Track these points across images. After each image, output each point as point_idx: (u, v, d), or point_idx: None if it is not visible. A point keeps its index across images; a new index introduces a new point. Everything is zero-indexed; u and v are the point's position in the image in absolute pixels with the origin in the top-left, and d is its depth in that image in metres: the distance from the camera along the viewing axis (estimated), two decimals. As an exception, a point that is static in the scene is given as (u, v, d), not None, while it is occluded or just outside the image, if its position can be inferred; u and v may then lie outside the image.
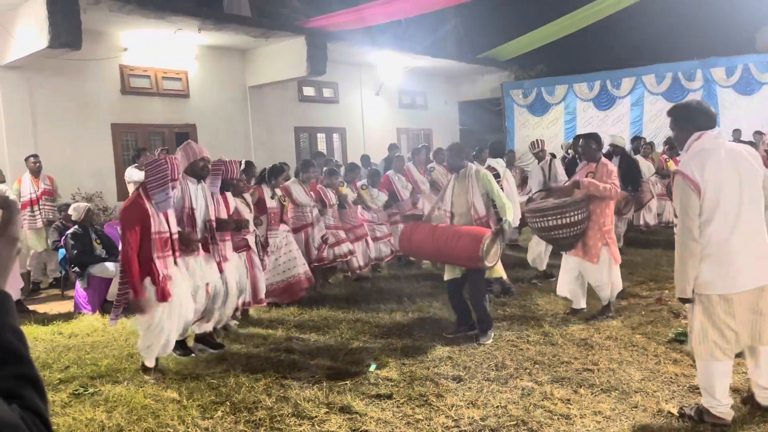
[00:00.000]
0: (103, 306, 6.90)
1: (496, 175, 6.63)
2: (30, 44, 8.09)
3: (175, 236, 4.71)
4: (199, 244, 4.97)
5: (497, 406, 3.84)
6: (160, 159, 4.60)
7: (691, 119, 3.38)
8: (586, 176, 5.56)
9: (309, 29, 10.92)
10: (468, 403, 3.90)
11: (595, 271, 5.55)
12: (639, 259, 8.49)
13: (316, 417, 3.82)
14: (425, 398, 4.01)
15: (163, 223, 4.60)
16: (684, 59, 14.54)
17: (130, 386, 4.49)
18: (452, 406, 3.86)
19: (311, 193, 7.32)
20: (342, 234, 7.59)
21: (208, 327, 5.24)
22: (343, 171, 8.77)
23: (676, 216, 3.41)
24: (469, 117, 17.82)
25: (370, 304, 6.70)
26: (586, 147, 5.72)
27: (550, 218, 5.45)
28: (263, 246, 6.35)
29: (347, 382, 4.37)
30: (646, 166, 9.66)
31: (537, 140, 8.22)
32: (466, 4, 13.99)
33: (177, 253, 4.72)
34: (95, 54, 9.44)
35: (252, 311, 6.36)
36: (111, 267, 6.94)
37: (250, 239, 5.99)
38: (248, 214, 6.02)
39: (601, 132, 11.76)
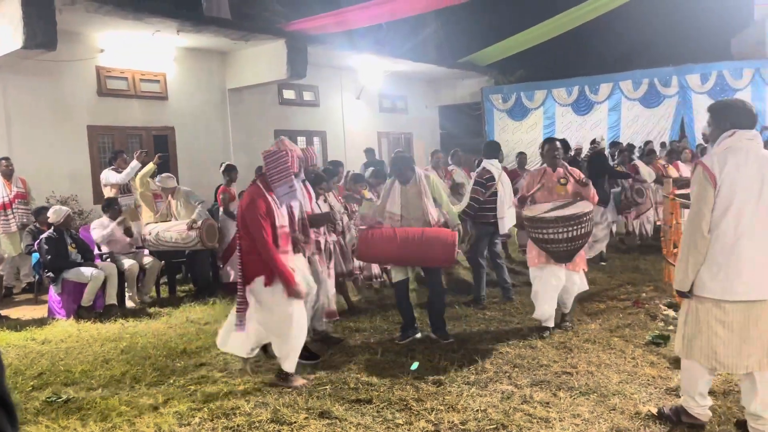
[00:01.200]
0: (77, 311, 6.78)
1: (491, 178, 6.54)
2: (4, 45, 7.94)
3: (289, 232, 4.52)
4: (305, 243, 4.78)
5: (477, 410, 3.84)
6: (281, 150, 4.40)
7: (728, 116, 3.25)
8: (562, 181, 5.43)
9: (289, 32, 10.89)
10: (448, 407, 3.89)
11: (580, 280, 5.47)
12: (617, 262, 8.59)
13: (295, 422, 3.78)
14: (405, 402, 4.00)
15: (285, 217, 4.44)
16: (660, 66, 14.79)
17: (105, 393, 4.41)
18: (432, 411, 3.85)
19: (340, 198, 6.86)
20: None
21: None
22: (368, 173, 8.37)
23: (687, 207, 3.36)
24: (450, 121, 17.90)
25: (350, 309, 6.67)
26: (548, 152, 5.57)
27: (551, 231, 5.03)
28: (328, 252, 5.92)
29: (327, 387, 4.34)
30: (647, 172, 9.35)
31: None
32: (446, 9, 14.06)
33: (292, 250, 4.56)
34: (71, 55, 9.30)
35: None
36: (86, 272, 6.82)
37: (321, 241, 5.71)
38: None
39: (580, 137, 11.79)
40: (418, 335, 5.41)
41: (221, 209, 8.12)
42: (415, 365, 4.72)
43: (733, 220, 3.10)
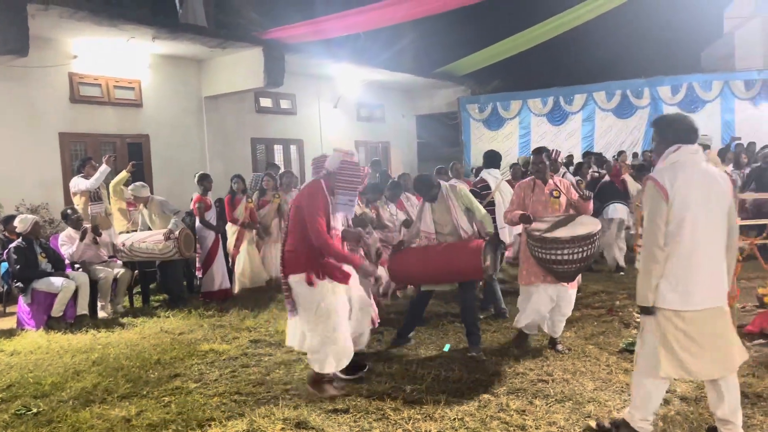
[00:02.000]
0: (47, 322, 6.64)
1: (486, 187, 6.50)
2: (-25, 50, 7.79)
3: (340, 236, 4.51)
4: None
5: (454, 419, 3.84)
6: (358, 164, 4.43)
7: (673, 131, 3.35)
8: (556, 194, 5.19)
9: (266, 40, 10.86)
10: (425, 416, 3.89)
11: (571, 297, 5.17)
12: (591, 271, 8.68)
13: (271, 433, 3.74)
14: (382, 412, 3.98)
15: (337, 220, 4.44)
16: (632, 77, 15.08)
17: (75, 405, 4.32)
18: (409, 420, 3.85)
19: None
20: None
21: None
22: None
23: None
24: (427, 130, 18.00)
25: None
26: (534, 165, 5.35)
27: (566, 252, 4.67)
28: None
29: (303, 396, 4.31)
30: (635, 187, 8.96)
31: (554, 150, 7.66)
32: (423, 19, 14.16)
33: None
34: (43, 61, 9.14)
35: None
36: (56, 282, 6.69)
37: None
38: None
39: (555, 146, 11.91)
40: (411, 342, 5.42)
41: (197, 218, 8.04)
42: (447, 347, 5.07)
43: (689, 233, 3.19)
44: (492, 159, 6.83)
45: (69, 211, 7.41)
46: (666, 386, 3.42)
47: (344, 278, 4.35)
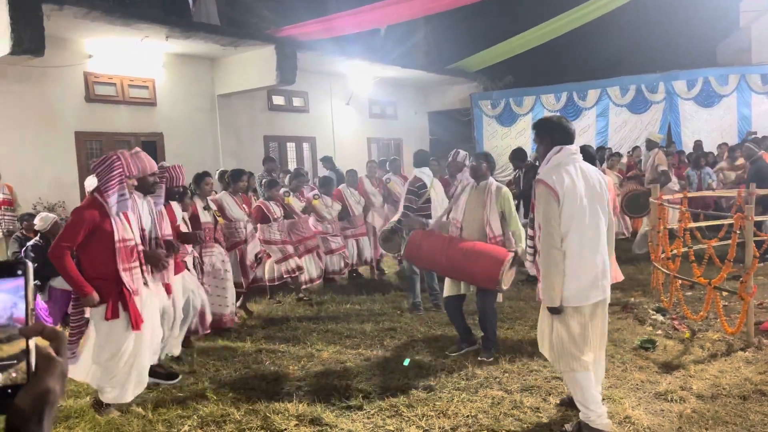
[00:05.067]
0: (64, 319, 6.71)
1: (423, 186, 6.56)
2: (-9, 50, 7.88)
3: (141, 247, 4.22)
4: (167, 261, 4.45)
5: (468, 416, 3.84)
6: (111, 156, 4.08)
7: (550, 133, 3.49)
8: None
9: (279, 38, 10.88)
10: (439, 413, 3.89)
11: None
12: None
13: (285, 429, 3.77)
14: (396, 409, 3.99)
15: (127, 230, 4.08)
16: (647, 72, 14.92)
17: (93, 401, 4.36)
18: (423, 416, 3.85)
19: (244, 206, 6.77)
20: (290, 248, 7.17)
21: (154, 358, 4.56)
22: (288, 179, 8.44)
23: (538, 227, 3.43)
24: (439, 127, 17.95)
25: (340, 315, 6.67)
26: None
27: None
28: (201, 267, 5.80)
29: (317, 393, 4.33)
30: (613, 182, 8.99)
31: (455, 150, 7.64)
32: (436, 15, 14.13)
33: (144, 267, 4.22)
34: (59, 61, 9.23)
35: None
36: (74, 278, 6.75)
37: (188, 259, 5.43)
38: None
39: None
40: (475, 346, 5.15)
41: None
42: (407, 361, 4.85)
43: (577, 231, 3.31)
44: (421, 158, 6.91)
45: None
46: (590, 378, 3.41)
47: (138, 324, 4.03)
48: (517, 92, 16.23)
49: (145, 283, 4.21)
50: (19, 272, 0.82)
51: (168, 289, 4.61)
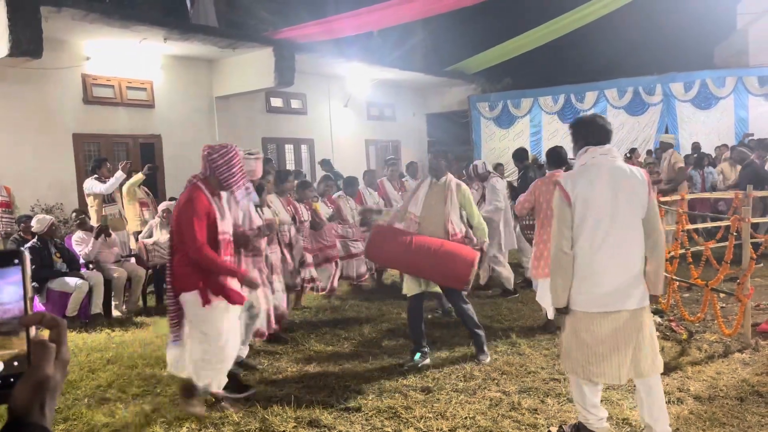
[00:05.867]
0: (63, 321, 6.70)
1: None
2: (-11, 52, 7.88)
3: (231, 238, 4.08)
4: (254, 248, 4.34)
5: (466, 417, 3.84)
6: (228, 146, 4.01)
7: (582, 134, 3.34)
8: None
9: (277, 40, 10.89)
10: (437, 415, 3.90)
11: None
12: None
13: (284, 431, 3.77)
14: (394, 410, 3.99)
15: (227, 222, 4.00)
16: (644, 74, 14.95)
17: (91, 403, 4.36)
18: (421, 418, 3.85)
19: (289, 207, 6.44)
20: (308, 258, 6.68)
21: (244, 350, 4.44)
22: (316, 184, 8.11)
23: None
24: (437, 129, 17.97)
25: (338, 318, 6.66)
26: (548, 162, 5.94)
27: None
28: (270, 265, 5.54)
29: (315, 395, 4.33)
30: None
31: (473, 164, 7.78)
32: (434, 17, 14.14)
33: (234, 257, 4.13)
34: (57, 63, 9.23)
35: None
36: (70, 281, 6.76)
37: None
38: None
39: (566, 144, 11.78)
40: (427, 361, 4.92)
41: None
42: (417, 356, 4.86)
43: (589, 236, 3.16)
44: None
45: (73, 214, 7.51)
46: (594, 385, 3.35)
47: (240, 299, 3.97)
48: (515, 94, 16.26)
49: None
50: (16, 261, 0.82)
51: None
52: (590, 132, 3.30)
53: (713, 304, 5.26)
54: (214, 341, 3.89)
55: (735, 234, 5.25)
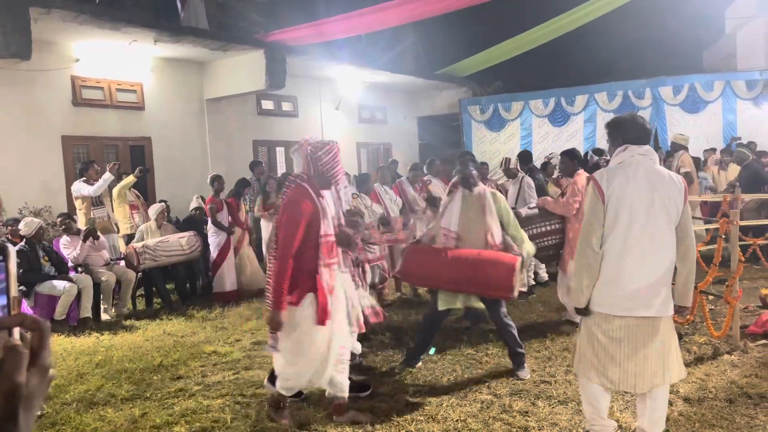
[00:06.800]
0: (50, 325, 6.65)
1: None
2: (-23, 54, 7.81)
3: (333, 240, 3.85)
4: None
5: (457, 420, 3.84)
6: (329, 141, 3.85)
7: (620, 132, 3.24)
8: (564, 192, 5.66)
9: (268, 43, 10.87)
10: (428, 418, 3.89)
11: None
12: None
13: (274, 435, 3.75)
14: (385, 413, 3.98)
15: (330, 225, 3.78)
16: (634, 78, 15.05)
17: (79, 407, 4.33)
18: (413, 421, 3.85)
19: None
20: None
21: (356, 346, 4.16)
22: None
23: None
24: (428, 132, 18.00)
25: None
26: (562, 164, 5.94)
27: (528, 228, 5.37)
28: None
29: (307, 398, 4.31)
30: None
31: (506, 158, 7.86)
32: (425, 21, 14.18)
33: (338, 260, 3.88)
34: (46, 64, 9.17)
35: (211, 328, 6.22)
36: (59, 285, 6.70)
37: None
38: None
39: (556, 148, 11.69)
40: (419, 364, 4.94)
41: (209, 219, 8.06)
42: (432, 350, 4.89)
43: (621, 236, 3.06)
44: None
45: (58, 219, 7.46)
46: (604, 392, 3.28)
47: (323, 319, 3.66)
48: (506, 98, 16.32)
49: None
50: (0, 258, 0.80)
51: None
52: (630, 130, 3.20)
53: (702, 306, 5.30)
54: (304, 341, 3.70)
55: (723, 236, 5.29)
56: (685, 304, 3.21)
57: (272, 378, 4.03)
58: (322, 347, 3.71)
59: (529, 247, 4.72)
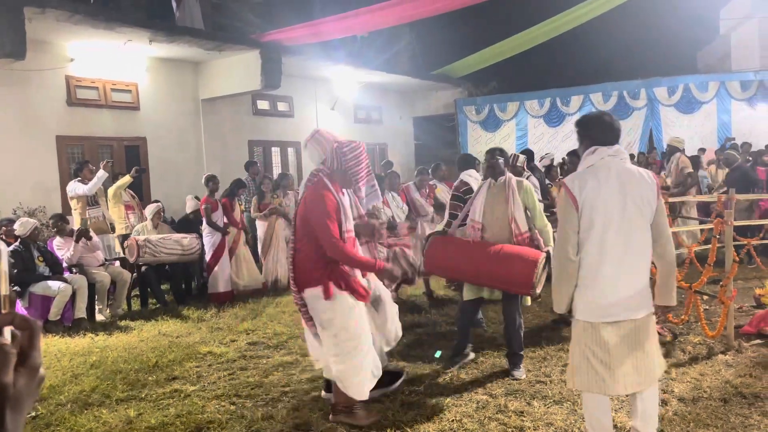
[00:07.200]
0: (45, 326, 6.62)
1: (469, 190, 6.27)
2: (-29, 54, 7.78)
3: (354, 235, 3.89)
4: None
5: (452, 420, 3.85)
6: (356, 141, 3.90)
7: (588, 132, 3.14)
8: None
9: (263, 43, 10.86)
10: (424, 418, 3.90)
11: None
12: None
13: (269, 436, 3.75)
14: (382, 413, 3.98)
15: (350, 220, 3.85)
16: (629, 78, 15.12)
17: (74, 408, 4.31)
18: (409, 421, 3.85)
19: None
20: None
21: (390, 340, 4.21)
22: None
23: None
24: (424, 132, 18.02)
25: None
26: (571, 164, 5.92)
27: None
28: None
29: (303, 399, 4.31)
30: None
31: (514, 155, 7.52)
32: (420, 21, 14.19)
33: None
34: (40, 64, 9.13)
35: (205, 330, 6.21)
36: (53, 285, 6.67)
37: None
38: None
39: (551, 148, 11.73)
40: (470, 357, 4.94)
41: (204, 219, 8.04)
42: (438, 353, 4.88)
43: (597, 241, 2.98)
44: (466, 161, 6.48)
45: (50, 221, 7.43)
46: (602, 403, 3.18)
47: (365, 296, 3.84)
48: (501, 98, 16.36)
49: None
50: None
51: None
52: (598, 131, 3.10)
53: (697, 306, 5.32)
54: (342, 335, 3.71)
55: (718, 237, 5.31)
56: (669, 304, 3.16)
57: (328, 387, 4.07)
58: (362, 331, 3.77)
59: (547, 236, 4.60)
